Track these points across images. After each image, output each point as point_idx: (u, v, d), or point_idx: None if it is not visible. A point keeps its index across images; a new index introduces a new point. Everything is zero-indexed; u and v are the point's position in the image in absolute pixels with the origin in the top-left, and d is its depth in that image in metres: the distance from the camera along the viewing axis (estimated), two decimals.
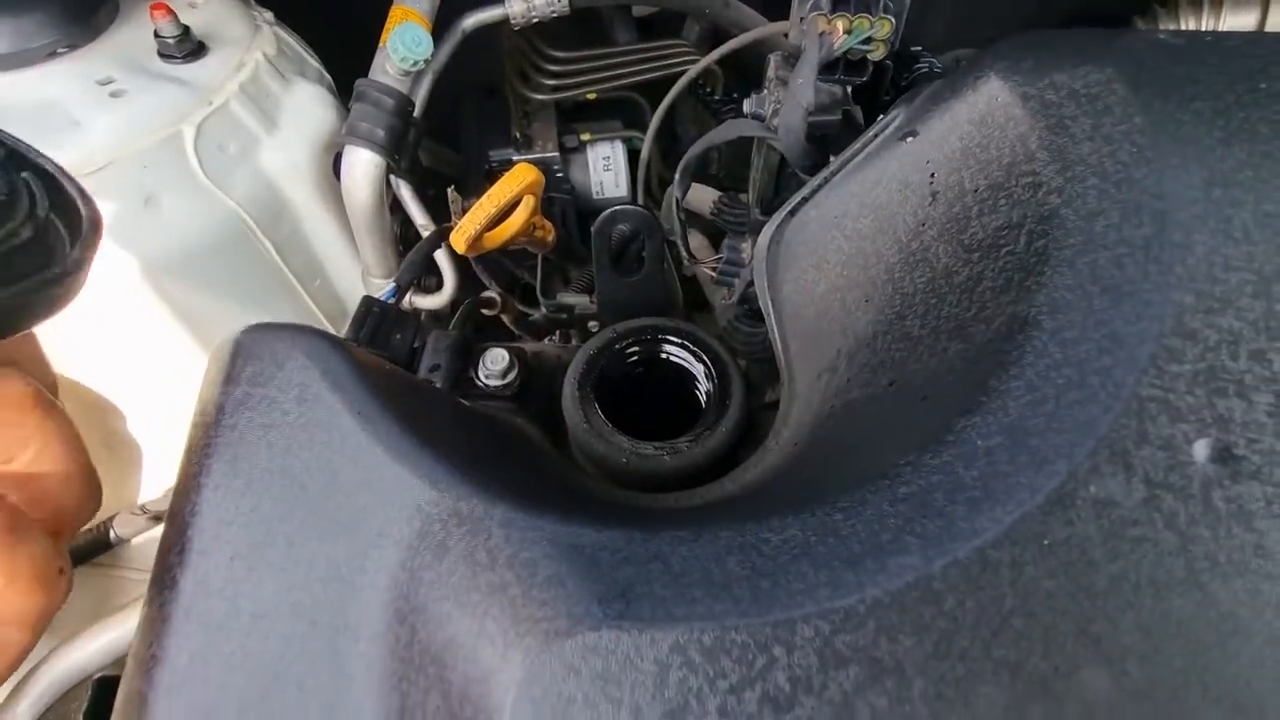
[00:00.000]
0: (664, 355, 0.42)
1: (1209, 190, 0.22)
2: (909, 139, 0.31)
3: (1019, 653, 0.16)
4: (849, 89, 0.38)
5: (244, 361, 0.24)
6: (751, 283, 0.45)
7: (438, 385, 0.40)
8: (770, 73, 0.41)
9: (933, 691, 0.16)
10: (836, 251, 0.34)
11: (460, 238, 0.44)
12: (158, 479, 0.66)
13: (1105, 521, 0.18)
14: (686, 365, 0.42)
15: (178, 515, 0.23)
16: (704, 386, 0.41)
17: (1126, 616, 0.17)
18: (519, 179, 0.45)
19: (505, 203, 0.44)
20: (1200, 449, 0.18)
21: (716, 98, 0.73)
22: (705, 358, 0.41)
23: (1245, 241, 0.21)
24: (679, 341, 0.41)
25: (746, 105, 0.41)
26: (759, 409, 0.48)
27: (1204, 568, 0.17)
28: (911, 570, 0.17)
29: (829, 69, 0.36)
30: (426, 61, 0.55)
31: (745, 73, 0.73)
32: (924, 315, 0.28)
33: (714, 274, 0.51)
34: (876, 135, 0.33)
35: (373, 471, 0.22)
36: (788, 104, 0.36)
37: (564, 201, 0.71)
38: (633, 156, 0.72)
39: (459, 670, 0.18)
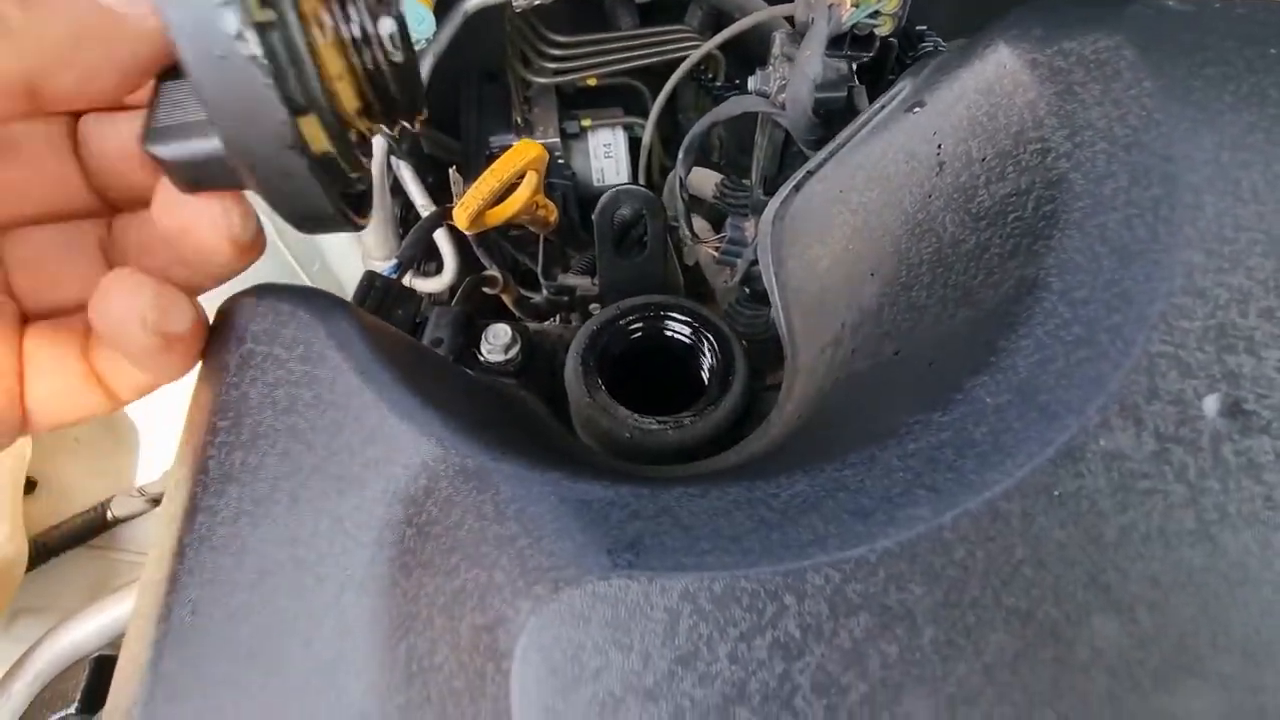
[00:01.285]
0: (667, 331, 0.42)
1: (1218, 153, 0.22)
2: (916, 110, 0.31)
3: (1029, 601, 0.16)
4: (854, 66, 0.38)
5: (248, 320, 0.23)
6: (754, 262, 0.45)
7: None
8: (775, 50, 0.40)
9: (943, 638, 0.16)
10: (841, 225, 0.34)
11: (463, 213, 0.44)
12: (155, 461, 0.66)
13: (1115, 474, 0.18)
14: (689, 341, 0.42)
15: (180, 472, 0.23)
16: (707, 362, 0.41)
17: (1136, 566, 0.17)
18: (522, 154, 0.45)
19: (508, 178, 0.44)
20: (1210, 404, 0.18)
21: (718, 83, 0.72)
22: (708, 334, 0.41)
23: (1255, 202, 0.21)
24: (682, 318, 0.41)
25: (751, 82, 0.41)
26: (761, 390, 0.48)
27: (1213, 519, 0.17)
28: (922, 521, 0.17)
29: (836, 43, 0.35)
30: (428, 41, 0.55)
31: (747, 59, 0.73)
32: (930, 285, 0.28)
33: (716, 254, 0.51)
34: (883, 107, 0.33)
35: (378, 429, 0.22)
36: (794, 77, 0.36)
37: (565, 187, 0.71)
38: (633, 145, 0.72)
39: (467, 621, 0.18)
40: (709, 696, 0.16)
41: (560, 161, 0.69)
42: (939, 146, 0.30)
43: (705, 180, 0.64)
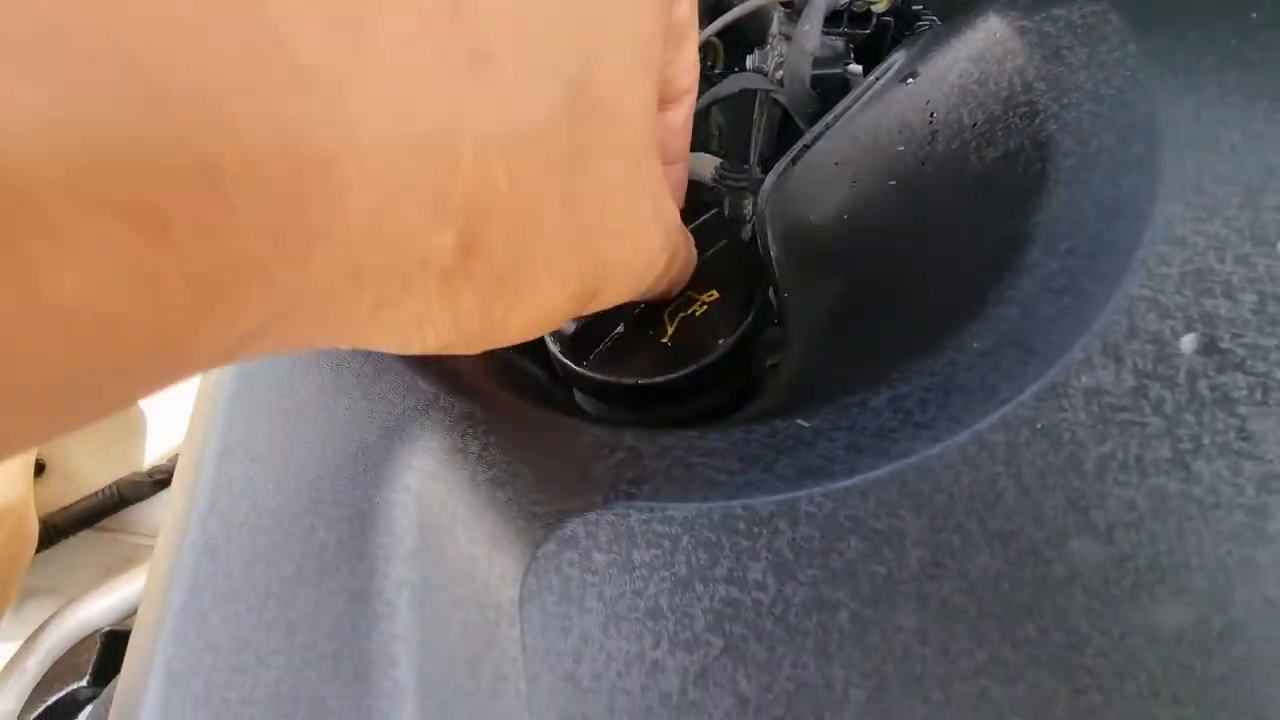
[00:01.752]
0: None
1: (1200, 112, 0.23)
2: (909, 81, 0.32)
3: (1012, 524, 0.17)
4: (850, 45, 0.39)
5: None
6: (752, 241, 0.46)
7: None
8: (774, 29, 0.41)
9: (930, 559, 0.17)
10: (837, 196, 0.35)
11: None
12: (164, 445, 0.67)
13: (1095, 408, 0.18)
14: None
15: (196, 424, 0.24)
16: None
17: (1114, 492, 0.17)
18: None
19: None
20: (1188, 342, 0.19)
21: (717, 71, 0.73)
22: None
23: (1233, 157, 0.22)
24: None
25: (750, 61, 0.42)
26: (760, 370, 0.48)
27: (1188, 449, 0.18)
28: (911, 453, 0.18)
29: (833, 20, 0.36)
30: None
31: (745, 46, 0.74)
32: (924, 249, 0.29)
33: None
34: (878, 79, 0.34)
35: (384, 377, 0.23)
36: (792, 52, 0.36)
37: None
38: None
39: (478, 549, 0.19)
40: (708, 613, 0.16)
41: None
42: (931, 115, 0.31)
43: (704, 165, 0.65)
